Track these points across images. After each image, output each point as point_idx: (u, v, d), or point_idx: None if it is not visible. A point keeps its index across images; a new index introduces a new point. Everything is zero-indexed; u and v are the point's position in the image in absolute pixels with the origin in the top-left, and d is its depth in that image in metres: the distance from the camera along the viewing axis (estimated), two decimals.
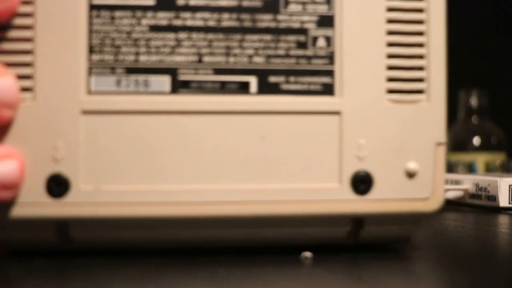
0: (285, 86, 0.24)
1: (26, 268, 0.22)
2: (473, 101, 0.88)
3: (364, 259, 0.25)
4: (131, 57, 0.24)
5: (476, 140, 0.88)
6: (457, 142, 0.89)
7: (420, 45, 0.25)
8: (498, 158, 0.87)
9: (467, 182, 0.48)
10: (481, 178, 0.46)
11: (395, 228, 0.26)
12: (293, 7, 0.25)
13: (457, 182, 0.49)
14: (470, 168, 0.86)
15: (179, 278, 0.21)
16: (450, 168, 0.88)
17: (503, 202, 0.44)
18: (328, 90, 0.25)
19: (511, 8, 1.08)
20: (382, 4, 0.25)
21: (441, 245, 0.29)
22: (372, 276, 0.22)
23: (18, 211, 0.23)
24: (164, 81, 0.24)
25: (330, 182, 0.24)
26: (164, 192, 0.24)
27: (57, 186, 0.23)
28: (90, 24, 0.24)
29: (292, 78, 0.24)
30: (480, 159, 0.87)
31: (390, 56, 0.25)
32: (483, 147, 0.87)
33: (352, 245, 0.26)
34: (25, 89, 0.23)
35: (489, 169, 0.86)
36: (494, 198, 0.44)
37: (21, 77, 0.23)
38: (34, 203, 0.23)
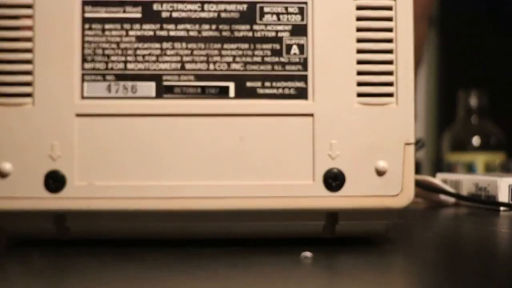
0: (261, 91, 0.27)
1: (26, 267, 0.23)
2: (473, 101, 0.89)
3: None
4: (120, 65, 0.26)
5: (476, 140, 0.88)
6: (457, 142, 0.90)
7: (389, 51, 0.27)
8: (497, 158, 0.87)
9: (466, 182, 0.48)
10: (481, 178, 0.46)
11: (369, 222, 0.28)
12: (268, 18, 0.27)
13: (456, 182, 0.49)
14: (470, 168, 0.87)
15: (179, 279, 0.21)
16: (450, 168, 0.88)
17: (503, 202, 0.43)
18: (301, 94, 0.27)
19: (511, 8, 1.08)
20: (352, 13, 0.27)
21: (441, 245, 0.30)
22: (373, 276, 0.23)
23: (19, 204, 0.25)
24: (150, 87, 0.26)
25: (304, 179, 0.26)
26: (150, 187, 0.26)
27: (54, 182, 0.25)
28: (83, 35, 0.26)
29: (268, 83, 0.27)
30: (480, 159, 0.87)
31: (360, 62, 0.27)
32: (482, 147, 0.88)
33: (330, 238, 0.28)
34: (25, 95, 0.26)
35: (489, 169, 0.87)
36: (493, 198, 0.44)
37: (22, 84, 0.26)
38: (33, 197, 0.25)
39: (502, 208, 0.44)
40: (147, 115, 0.26)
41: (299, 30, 0.27)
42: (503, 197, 0.44)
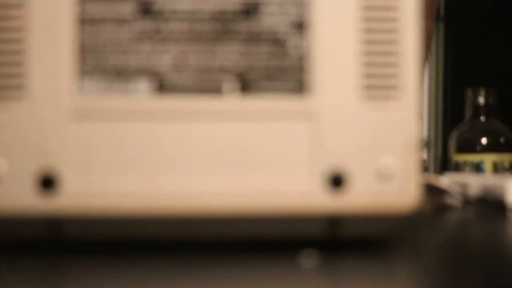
0: (261, 88, 0.26)
1: (19, 270, 0.23)
2: (481, 100, 0.88)
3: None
4: (118, 63, 0.25)
5: (484, 140, 0.87)
6: (464, 142, 0.88)
7: (393, 49, 0.26)
8: (506, 158, 0.86)
9: (474, 183, 0.47)
10: (489, 179, 0.46)
11: (372, 224, 0.27)
12: (268, 12, 0.26)
13: (464, 183, 0.49)
14: (478, 169, 0.86)
15: (178, 280, 0.21)
16: (457, 168, 0.87)
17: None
18: (302, 90, 0.26)
19: None
20: (355, 10, 0.26)
21: (447, 249, 0.29)
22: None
23: (11, 206, 0.25)
24: (147, 85, 0.26)
25: (303, 180, 0.26)
26: (148, 187, 0.25)
27: (49, 182, 0.25)
28: (80, 33, 0.25)
29: (268, 80, 0.26)
30: (488, 160, 0.86)
31: (363, 60, 0.26)
32: (491, 147, 0.87)
33: (331, 241, 0.27)
34: (18, 93, 0.25)
35: (497, 169, 0.86)
36: (502, 199, 0.44)
37: (15, 82, 0.25)
38: (26, 199, 0.25)
39: (510, 210, 0.44)
40: (146, 113, 0.25)
41: (300, 25, 0.26)
42: (511, 198, 0.43)
